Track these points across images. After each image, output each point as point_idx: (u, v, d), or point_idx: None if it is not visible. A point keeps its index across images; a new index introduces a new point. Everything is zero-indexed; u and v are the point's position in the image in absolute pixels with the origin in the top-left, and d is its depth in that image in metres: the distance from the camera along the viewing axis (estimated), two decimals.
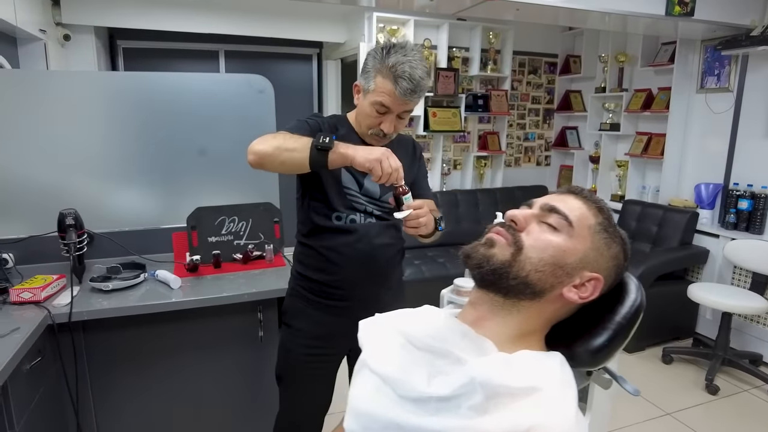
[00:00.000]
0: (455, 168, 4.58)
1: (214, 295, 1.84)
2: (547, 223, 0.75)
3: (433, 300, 3.43)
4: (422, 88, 1.36)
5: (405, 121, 1.44)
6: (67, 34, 3.65)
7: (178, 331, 1.89)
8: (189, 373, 1.93)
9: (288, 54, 4.78)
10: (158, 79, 2.25)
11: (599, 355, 0.77)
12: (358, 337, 0.89)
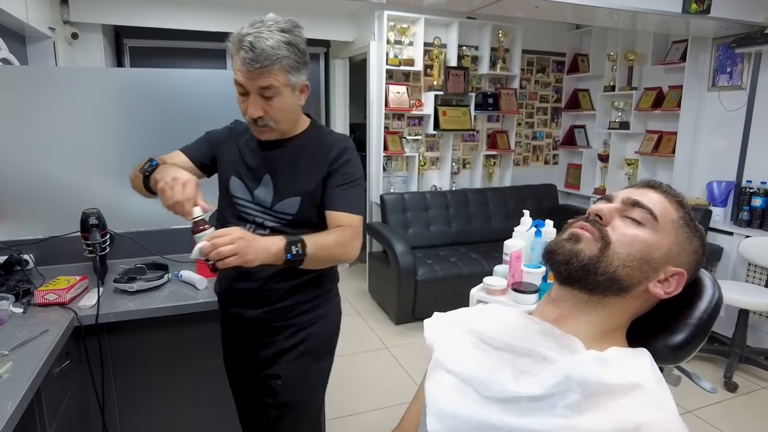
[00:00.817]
0: (464, 167, 4.56)
1: None
2: (631, 218, 0.73)
3: (448, 297, 3.43)
4: (268, 58, 1.15)
5: (276, 103, 1.22)
6: (75, 32, 3.62)
7: (202, 332, 1.85)
8: (212, 374, 1.89)
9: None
10: (175, 77, 2.22)
11: (681, 352, 0.75)
12: (424, 336, 0.87)
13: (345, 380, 2.80)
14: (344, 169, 1.32)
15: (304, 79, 1.26)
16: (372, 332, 3.46)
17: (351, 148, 1.35)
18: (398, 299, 3.47)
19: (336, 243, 1.27)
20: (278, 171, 1.34)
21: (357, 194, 1.33)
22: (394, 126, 4.22)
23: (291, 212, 1.32)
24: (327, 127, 1.44)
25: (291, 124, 1.32)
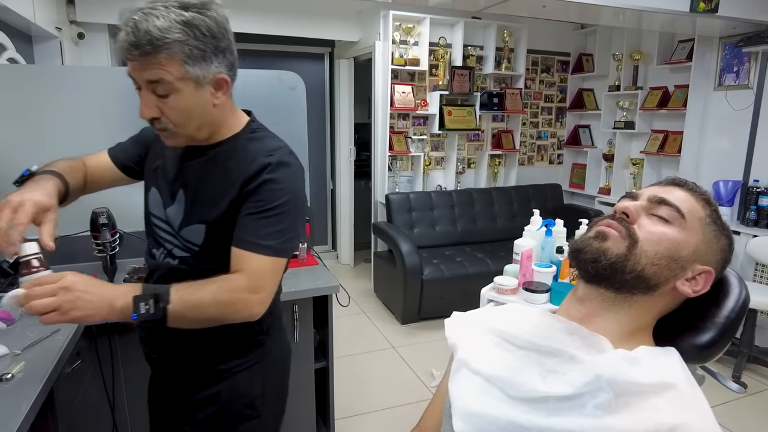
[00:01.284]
0: (469, 167, 4.55)
1: None
2: (658, 216, 0.72)
3: (454, 297, 3.42)
4: (151, 42, 0.88)
5: (172, 102, 0.95)
6: (82, 32, 3.61)
7: None
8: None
9: (300, 53, 4.75)
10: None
11: (708, 351, 0.74)
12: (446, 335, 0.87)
13: (352, 380, 2.79)
14: (261, 194, 0.99)
15: (218, 71, 0.96)
16: (378, 332, 3.45)
17: (278, 165, 1.00)
18: (404, 299, 3.46)
19: (214, 300, 0.95)
20: (190, 187, 1.08)
21: (273, 227, 0.99)
22: (399, 126, 4.22)
23: (197, 242, 1.06)
24: (269, 133, 1.12)
25: (205, 127, 1.02)
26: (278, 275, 1.04)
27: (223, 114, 1.04)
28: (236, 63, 1.02)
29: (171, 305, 0.92)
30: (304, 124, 2.26)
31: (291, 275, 2.00)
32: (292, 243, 1.04)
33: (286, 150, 1.07)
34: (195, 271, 1.03)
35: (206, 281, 0.96)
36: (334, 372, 2.08)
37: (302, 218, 1.10)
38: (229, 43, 0.98)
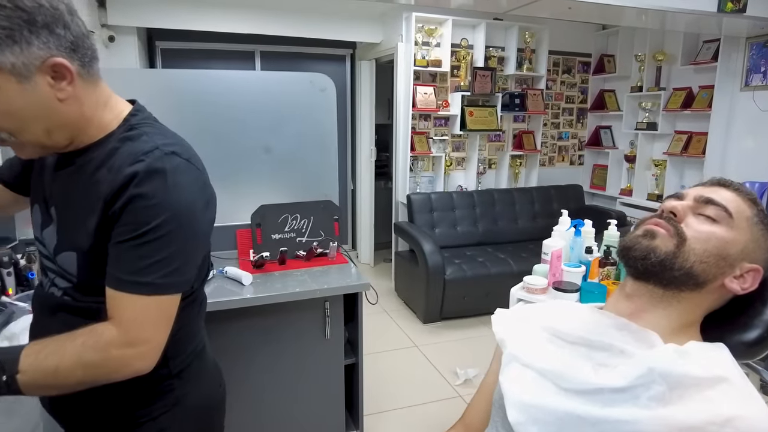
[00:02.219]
0: (490, 167, 4.57)
1: (283, 291, 1.86)
2: (705, 215, 0.74)
3: (476, 297, 3.44)
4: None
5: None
6: (112, 35, 3.71)
7: (246, 328, 1.90)
8: (257, 369, 1.94)
9: (321, 54, 4.80)
10: (221, 77, 2.26)
11: (756, 348, 0.77)
12: (493, 330, 0.90)
13: (377, 377, 2.83)
14: (129, 214, 0.76)
15: (45, 55, 0.71)
16: (400, 330, 3.48)
17: (147, 174, 0.76)
18: (426, 298, 3.49)
19: (78, 363, 0.75)
20: (59, 204, 0.88)
21: (150, 256, 0.76)
22: (420, 126, 4.25)
23: (71, 272, 0.85)
24: (151, 128, 0.86)
25: (58, 131, 0.79)
26: (167, 318, 0.80)
27: (82, 110, 0.79)
28: (85, 42, 0.77)
29: (20, 375, 0.72)
30: (334, 127, 2.31)
31: (321, 273, 2.05)
32: (181, 275, 0.80)
33: (166, 150, 0.80)
34: (79, 305, 0.85)
35: (69, 337, 0.76)
36: (363, 368, 2.12)
37: (197, 239, 0.83)
38: (54, 15, 0.71)
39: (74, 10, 0.76)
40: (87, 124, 0.82)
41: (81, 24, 0.77)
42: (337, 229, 2.26)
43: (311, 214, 2.20)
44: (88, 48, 0.78)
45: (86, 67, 0.78)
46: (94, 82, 0.81)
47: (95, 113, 0.82)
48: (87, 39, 0.78)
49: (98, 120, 0.83)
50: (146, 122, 0.87)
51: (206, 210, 0.86)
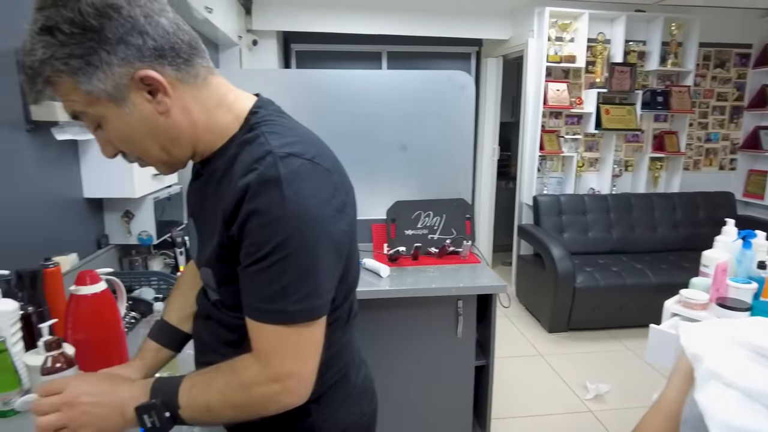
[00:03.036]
0: (627, 169, 4.23)
1: (417, 286, 1.87)
2: None
3: (609, 309, 3.21)
4: (26, 74, 0.64)
5: (112, 134, 0.70)
6: (256, 39, 4.01)
7: (381, 319, 1.93)
8: (388, 360, 1.97)
9: (446, 53, 4.79)
10: (360, 77, 2.33)
11: None
12: (683, 344, 0.81)
13: (501, 382, 2.75)
14: (248, 235, 0.67)
15: (130, 70, 0.65)
16: (523, 337, 3.36)
17: (260, 186, 0.65)
18: (553, 306, 3.32)
19: (227, 404, 0.71)
20: (196, 217, 0.86)
21: (275, 282, 0.67)
22: (551, 125, 4.06)
23: (212, 286, 0.81)
24: (270, 126, 0.73)
25: (174, 146, 0.73)
26: (310, 347, 0.71)
27: (191, 118, 0.71)
28: (174, 42, 0.67)
29: (182, 412, 0.71)
30: (471, 124, 2.28)
31: (453, 271, 2.03)
32: (318, 298, 0.69)
33: (280, 153, 0.67)
34: (225, 318, 0.81)
35: (216, 373, 0.72)
36: (494, 371, 2.06)
37: (330, 252, 0.70)
38: (125, 25, 0.63)
39: (153, 11, 0.65)
40: (203, 131, 0.73)
41: (165, 23, 0.66)
42: (469, 227, 2.22)
43: (444, 211, 2.19)
44: (180, 48, 0.68)
45: (182, 70, 0.68)
46: (200, 83, 0.71)
47: (209, 118, 0.73)
48: (175, 37, 0.67)
49: (215, 124, 0.73)
50: (266, 120, 0.74)
51: (340, 214, 0.71)
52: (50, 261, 1.29)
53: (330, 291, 0.73)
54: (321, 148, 0.75)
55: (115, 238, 1.77)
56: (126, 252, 1.86)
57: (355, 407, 0.91)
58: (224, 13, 3.15)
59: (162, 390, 0.72)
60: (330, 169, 0.72)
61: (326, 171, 0.70)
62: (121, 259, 1.83)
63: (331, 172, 0.72)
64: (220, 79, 0.76)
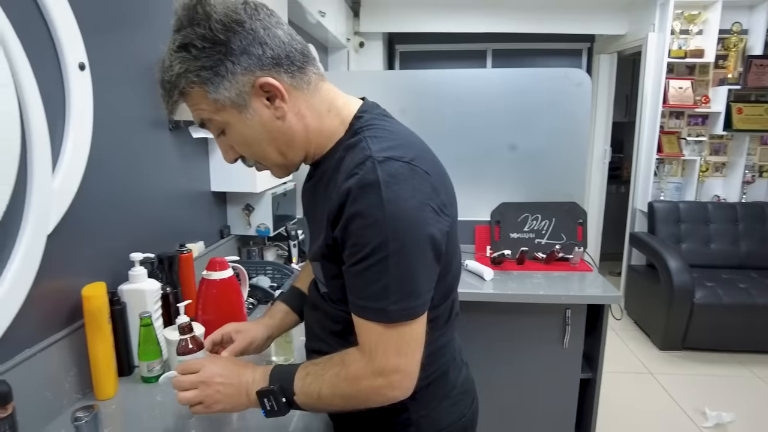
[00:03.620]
0: (761, 175, 3.79)
1: (521, 292, 1.82)
2: None
3: (733, 330, 2.90)
4: (164, 87, 0.73)
5: (234, 139, 0.77)
6: (362, 41, 4.12)
7: (483, 323, 1.90)
8: (489, 364, 1.93)
9: (554, 50, 4.59)
10: (466, 76, 2.30)
11: None
12: None
13: (606, 398, 2.59)
14: (351, 236, 0.71)
15: (251, 78, 0.71)
16: (630, 353, 3.13)
17: (360, 190, 0.69)
18: (667, 322, 3.06)
19: (336, 394, 0.75)
20: (308, 215, 0.93)
21: (376, 281, 0.70)
22: (671, 125, 3.74)
23: (321, 280, 0.86)
24: (372, 131, 0.76)
25: (289, 150, 0.79)
26: (411, 344, 0.74)
27: (304, 123, 0.77)
28: (289, 51, 0.73)
29: (296, 398, 0.78)
30: (587, 124, 2.17)
31: (561, 278, 1.94)
32: (417, 298, 0.72)
33: (379, 157, 0.70)
34: (332, 310, 0.85)
35: (327, 364, 0.77)
36: (601, 386, 1.95)
37: (429, 253, 0.72)
38: (247, 37, 0.70)
39: (271, 24, 0.72)
40: (315, 134, 0.78)
41: (281, 34, 0.72)
42: (581, 233, 2.12)
43: (553, 215, 2.10)
44: (294, 56, 0.73)
45: (296, 77, 0.74)
46: (312, 89, 0.76)
47: (320, 122, 0.78)
48: (290, 47, 0.73)
49: (325, 128, 0.79)
50: (369, 125, 0.77)
51: (438, 216, 0.72)
52: (184, 247, 1.43)
53: (428, 291, 0.75)
54: (421, 151, 0.77)
55: (235, 229, 1.90)
56: (244, 242, 2.00)
57: (454, 407, 0.91)
58: (335, 17, 3.27)
59: (279, 377, 0.79)
60: (428, 171, 0.73)
61: (424, 173, 0.72)
62: (239, 248, 1.97)
63: (430, 174, 0.73)
64: (329, 85, 0.81)
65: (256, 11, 0.71)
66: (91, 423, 0.90)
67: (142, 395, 1.09)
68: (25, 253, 0.93)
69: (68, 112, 1.05)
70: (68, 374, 1.05)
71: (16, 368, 0.92)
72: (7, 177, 0.89)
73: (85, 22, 1.08)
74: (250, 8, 0.71)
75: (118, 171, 1.26)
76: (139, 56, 1.31)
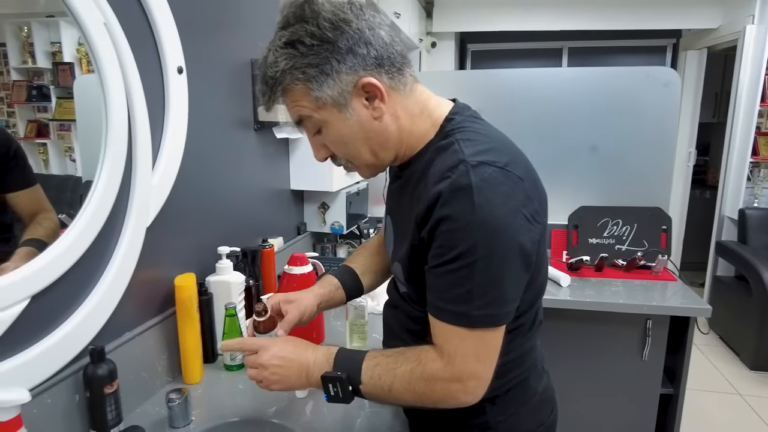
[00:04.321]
0: None
1: (600, 300, 1.74)
2: None
3: None
4: (270, 85, 0.74)
5: (329, 137, 0.77)
6: (434, 41, 4.11)
7: (558, 330, 1.84)
8: (563, 372, 1.85)
9: (635, 47, 4.37)
10: (541, 75, 2.23)
11: None
12: None
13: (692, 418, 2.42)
14: (437, 238, 0.70)
15: (355, 78, 0.72)
16: (716, 371, 2.92)
17: (452, 193, 0.68)
18: (759, 340, 2.83)
19: (408, 390, 0.75)
20: (393, 215, 0.91)
21: (460, 285, 0.69)
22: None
23: (402, 280, 0.87)
24: (465, 133, 0.76)
25: (381, 150, 0.79)
26: (489, 352, 0.72)
27: (398, 124, 0.77)
28: (390, 53, 0.74)
29: (363, 387, 0.78)
30: (675, 126, 2.04)
31: (642, 287, 1.85)
32: (501, 306, 0.70)
33: (472, 161, 0.69)
34: (411, 310, 0.86)
35: (401, 358, 0.77)
36: (683, 404, 1.83)
37: (517, 262, 0.70)
38: (354, 37, 0.71)
39: (375, 24, 0.73)
40: (407, 136, 0.79)
41: (384, 35, 0.73)
42: (665, 240, 2.00)
43: (636, 221, 2.00)
44: (394, 58, 0.74)
45: (395, 79, 0.75)
46: (407, 90, 0.77)
47: (413, 124, 0.78)
48: (391, 48, 0.74)
49: (417, 129, 0.79)
50: (460, 127, 0.77)
51: (530, 224, 0.70)
52: (266, 242, 1.49)
53: (515, 300, 0.73)
54: (515, 155, 0.75)
55: (311, 225, 1.96)
56: (319, 239, 2.05)
57: (533, 415, 0.90)
58: (409, 17, 3.28)
59: (345, 363, 0.79)
60: (522, 177, 0.71)
61: (518, 179, 0.70)
62: (314, 245, 2.03)
63: (524, 180, 0.71)
64: (422, 86, 0.81)
65: (361, 11, 0.72)
66: (183, 405, 0.97)
67: (225, 382, 1.14)
68: (128, 244, 1.00)
69: (167, 113, 1.13)
70: (161, 358, 1.12)
71: (118, 349, 0.99)
72: (116, 174, 0.97)
73: (184, 27, 1.15)
74: (356, 8, 0.72)
75: (208, 169, 1.33)
76: (228, 59, 1.38)
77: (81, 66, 0.94)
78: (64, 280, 0.87)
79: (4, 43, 0.85)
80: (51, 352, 0.84)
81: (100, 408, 0.89)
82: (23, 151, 0.87)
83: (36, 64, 0.90)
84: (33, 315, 0.81)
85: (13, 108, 0.88)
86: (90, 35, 0.89)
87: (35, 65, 0.90)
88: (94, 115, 0.94)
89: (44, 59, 0.91)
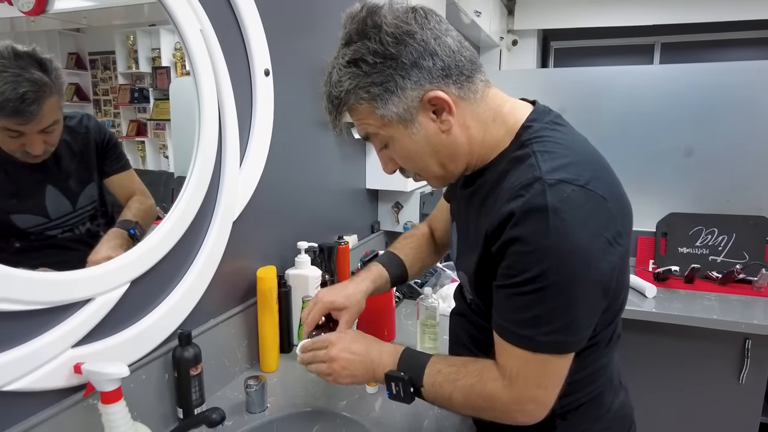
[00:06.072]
0: None
1: (692, 314, 1.62)
2: None
3: None
4: (332, 103, 0.73)
5: (397, 152, 0.76)
6: (515, 39, 4.01)
7: (642, 343, 1.74)
8: (647, 389, 1.76)
9: (738, 40, 4.01)
10: (632, 73, 2.10)
11: None
12: None
13: None
14: (507, 258, 0.67)
15: (420, 93, 0.69)
16: None
17: (525, 214, 0.64)
18: None
19: (467, 404, 0.75)
20: (460, 223, 0.89)
21: (529, 309, 0.66)
22: None
23: (468, 290, 0.85)
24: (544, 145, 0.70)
25: (450, 162, 0.76)
26: (553, 378, 0.69)
27: (468, 134, 0.73)
28: (458, 60, 0.69)
29: (424, 391, 0.78)
30: None
31: (740, 303, 1.69)
32: (571, 334, 0.67)
33: (550, 179, 0.64)
34: (478, 321, 0.86)
35: (463, 370, 0.76)
36: None
37: (593, 288, 0.66)
38: (418, 49, 0.68)
39: (441, 32, 0.69)
40: (478, 146, 0.75)
41: (451, 42, 0.70)
42: None
43: (734, 230, 1.84)
44: (463, 65, 0.70)
45: (464, 88, 0.71)
46: (477, 98, 0.73)
47: (485, 133, 0.74)
48: (459, 55, 0.70)
49: (489, 138, 0.75)
50: (538, 136, 0.71)
51: (611, 247, 0.65)
52: (342, 239, 1.53)
53: (588, 327, 0.69)
54: (598, 170, 0.70)
55: (384, 224, 1.98)
56: (392, 238, 2.07)
57: (616, 424, 0.87)
58: (489, 15, 3.23)
59: (409, 364, 0.80)
60: (605, 195, 0.65)
61: (601, 199, 0.65)
62: (387, 243, 2.05)
63: (607, 200, 0.65)
64: (495, 90, 0.77)
65: (426, 19, 0.69)
66: (260, 391, 1.01)
67: (299, 372, 1.18)
68: (216, 236, 1.07)
69: (254, 114, 1.19)
70: (241, 345, 1.18)
71: (203, 335, 1.06)
72: (207, 171, 1.03)
73: (271, 32, 1.21)
74: (420, 16, 0.69)
75: (290, 167, 1.38)
76: (310, 61, 1.43)
77: (176, 69, 1.02)
78: (158, 268, 0.94)
79: (114, 50, 0.94)
80: (146, 333, 0.92)
81: (186, 388, 0.96)
82: (116, 138, 0.96)
83: (139, 69, 0.99)
84: (132, 298, 0.89)
85: (118, 109, 0.97)
86: (187, 41, 0.96)
87: (138, 70, 0.99)
88: (186, 115, 1.02)
89: (145, 64, 0.99)
